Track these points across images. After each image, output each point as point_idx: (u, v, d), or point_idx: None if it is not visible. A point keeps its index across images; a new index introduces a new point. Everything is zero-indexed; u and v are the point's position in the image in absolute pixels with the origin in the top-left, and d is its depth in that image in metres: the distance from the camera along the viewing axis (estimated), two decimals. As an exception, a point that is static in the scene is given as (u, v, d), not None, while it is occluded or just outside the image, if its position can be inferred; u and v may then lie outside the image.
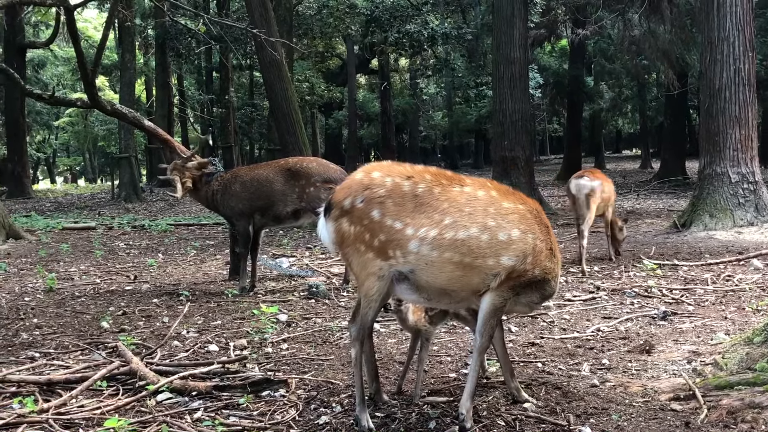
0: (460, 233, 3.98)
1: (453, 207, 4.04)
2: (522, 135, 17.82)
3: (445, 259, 3.98)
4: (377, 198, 4.06)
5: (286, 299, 8.17)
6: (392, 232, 4.02)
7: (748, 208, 12.87)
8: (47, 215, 21.47)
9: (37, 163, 58.54)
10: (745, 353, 4.70)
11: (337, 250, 4.25)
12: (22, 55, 29.49)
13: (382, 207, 4.04)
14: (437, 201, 4.05)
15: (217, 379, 5.03)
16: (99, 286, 9.40)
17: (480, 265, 4.00)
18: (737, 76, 13.01)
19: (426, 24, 28.75)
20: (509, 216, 4.09)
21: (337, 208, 4.14)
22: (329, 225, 4.19)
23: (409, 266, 4.02)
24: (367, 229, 4.05)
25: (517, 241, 4.05)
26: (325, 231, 4.24)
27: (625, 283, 8.45)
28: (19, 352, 6.04)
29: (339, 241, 4.17)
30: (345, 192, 4.15)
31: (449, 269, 4.00)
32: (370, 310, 4.13)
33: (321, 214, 4.28)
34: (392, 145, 39.38)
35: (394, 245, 4.01)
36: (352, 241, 4.10)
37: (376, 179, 4.12)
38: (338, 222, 4.13)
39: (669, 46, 22.42)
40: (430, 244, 3.97)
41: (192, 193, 9.09)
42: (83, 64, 10.67)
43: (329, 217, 4.18)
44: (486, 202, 4.10)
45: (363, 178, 4.16)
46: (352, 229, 4.09)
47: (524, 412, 4.27)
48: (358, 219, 4.07)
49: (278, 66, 16.40)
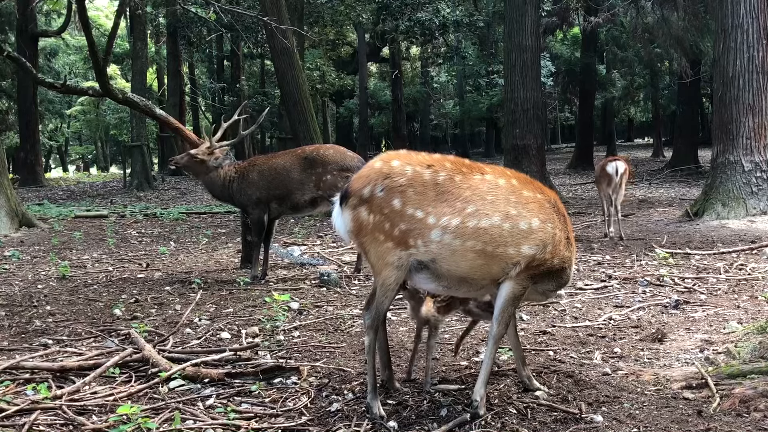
0: (483, 221, 3.97)
1: (475, 195, 4.02)
2: (533, 123, 17.75)
3: (467, 247, 3.97)
4: (398, 187, 4.00)
5: (297, 287, 8.19)
6: (413, 222, 3.97)
7: (761, 196, 12.80)
8: (60, 203, 21.58)
9: (50, 152, 58.74)
10: (758, 342, 4.68)
11: (353, 239, 4.17)
12: (34, 43, 29.55)
13: (402, 196, 3.99)
14: (459, 189, 4.02)
15: (229, 366, 5.05)
16: (111, 274, 9.44)
17: (501, 253, 4.00)
18: (751, 64, 12.92)
19: (437, 12, 28.65)
20: (529, 205, 4.09)
21: (356, 197, 4.07)
22: (346, 214, 4.12)
23: (431, 255, 3.99)
24: (387, 218, 3.99)
25: (537, 231, 4.05)
26: (340, 219, 4.18)
27: (637, 272, 8.42)
28: (32, 339, 6.08)
29: (356, 230, 4.10)
30: (363, 180, 4.09)
31: (471, 258, 3.99)
32: (386, 300, 4.11)
33: (336, 202, 4.22)
34: (403, 134, 39.28)
35: (415, 234, 3.97)
36: (371, 231, 4.04)
37: (396, 168, 4.06)
38: (356, 211, 4.07)
39: (682, 34, 22.26)
40: (453, 233, 3.95)
41: (205, 181, 9.03)
42: (95, 52, 10.69)
43: (346, 205, 4.11)
44: (507, 191, 4.09)
45: (382, 167, 4.09)
46: (371, 219, 4.03)
47: (536, 400, 4.27)
48: (377, 208, 4.01)
49: (289, 54, 16.40)
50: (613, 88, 37.47)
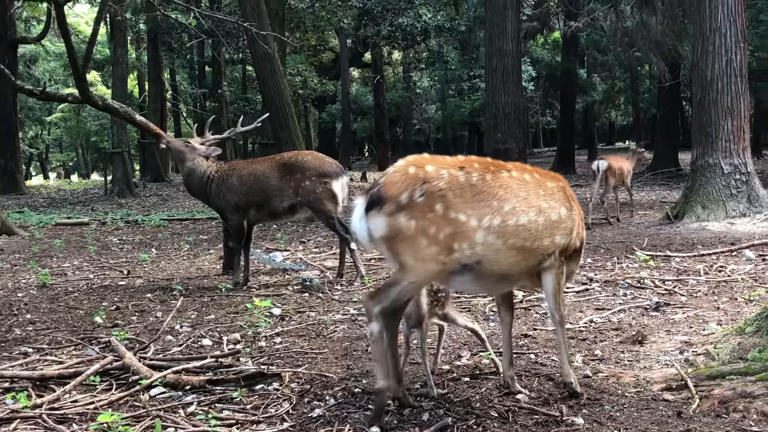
0: (522, 218, 4.05)
1: (509, 193, 4.07)
2: (515, 127, 17.85)
3: (510, 245, 4.03)
4: (438, 191, 3.94)
5: (279, 293, 8.17)
6: (457, 225, 3.93)
7: (741, 199, 12.91)
8: (40, 211, 21.41)
9: (30, 159, 58.36)
10: (737, 343, 4.72)
11: (384, 244, 4.02)
12: (13, 50, 29.33)
13: (444, 200, 3.93)
14: (492, 188, 4.05)
15: (211, 373, 5.03)
16: (92, 282, 9.38)
17: (538, 247, 4.12)
18: (729, 67, 13.03)
19: (419, 17, 28.74)
20: (555, 195, 4.25)
21: (392, 203, 3.93)
22: (379, 220, 3.95)
23: (476, 257, 3.99)
24: (432, 223, 3.90)
25: (565, 219, 4.24)
26: (370, 225, 4.00)
27: (618, 275, 8.46)
28: (12, 347, 6.03)
29: (391, 237, 3.96)
30: (400, 186, 3.95)
31: (513, 255, 4.06)
32: (410, 296, 4.17)
33: (359, 208, 4.06)
34: (386, 139, 39.29)
35: (460, 238, 3.94)
36: (411, 236, 3.91)
37: (432, 172, 3.99)
38: (393, 217, 3.92)
39: (661, 38, 22.41)
40: (496, 233, 3.99)
41: (188, 169, 8.86)
42: (74, 59, 10.63)
43: (379, 212, 3.95)
44: (534, 185, 4.21)
45: (418, 172, 4.00)
46: (413, 224, 3.91)
47: (517, 403, 4.28)
48: (419, 213, 3.91)
49: (270, 60, 16.37)
50: (593, 92, 37.75)
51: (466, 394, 4.47)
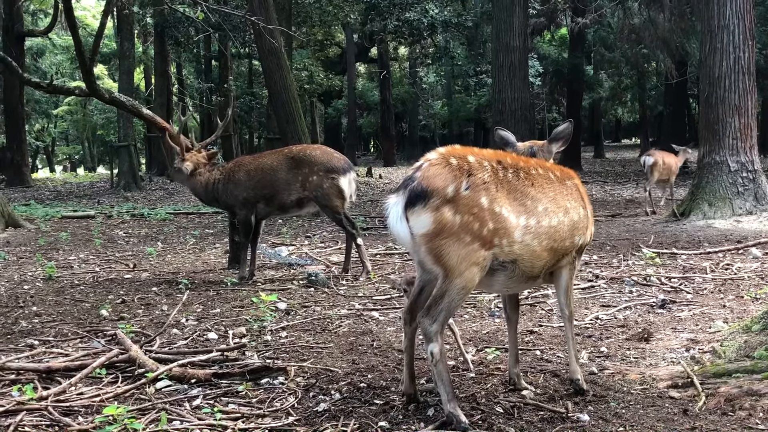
0: (553, 220, 4.02)
1: (540, 193, 4.02)
2: (521, 124, 17.82)
3: (543, 246, 3.99)
4: (482, 184, 3.80)
5: (285, 288, 8.18)
6: (500, 220, 3.82)
7: (747, 196, 12.87)
8: (46, 204, 21.47)
9: (36, 152, 58.37)
10: (743, 341, 4.70)
11: (426, 242, 3.78)
12: (20, 43, 29.36)
13: (488, 193, 3.80)
14: (525, 186, 3.97)
15: (216, 366, 5.04)
16: (98, 275, 9.41)
17: (561, 247, 4.10)
18: (737, 65, 12.97)
19: (425, 12, 28.64)
20: (573, 195, 4.22)
21: (438, 197, 3.72)
22: (424, 216, 3.73)
23: (513, 256, 3.90)
24: (476, 218, 3.75)
25: (582, 219, 4.22)
26: (413, 222, 3.78)
27: (624, 272, 8.45)
28: (18, 340, 6.05)
29: (436, 233, 3.74)
30: (444, 178, 3.76)
31: (545, 256, 4.03)
32: (461, 302, 3.93)
33: (399, 204, 3.83)
34: (391, 135, 39.29)
35: (501, 234, 3.82)
36: (456, 232, 3.73)
37: (475, 163, 3.85)
38: (439, 211, 3.71)
39: (668, 35, 22.36)
40: (532, 233, 3.93)
41: (190, 184, 9.06)
42: (81, 52, 10.64)
43: (425, 206, 3.73)
44: (558, 185, 4.16)
45: (461, 163, 3.83)
46: (458, 219, 3.73)
47: (522, 400, 4.28)
48: (465, 207, 3.74)
49: (277, 54, 16.38)
50: (600, 89, 37.62)
51: (471, 390, 4.47)
